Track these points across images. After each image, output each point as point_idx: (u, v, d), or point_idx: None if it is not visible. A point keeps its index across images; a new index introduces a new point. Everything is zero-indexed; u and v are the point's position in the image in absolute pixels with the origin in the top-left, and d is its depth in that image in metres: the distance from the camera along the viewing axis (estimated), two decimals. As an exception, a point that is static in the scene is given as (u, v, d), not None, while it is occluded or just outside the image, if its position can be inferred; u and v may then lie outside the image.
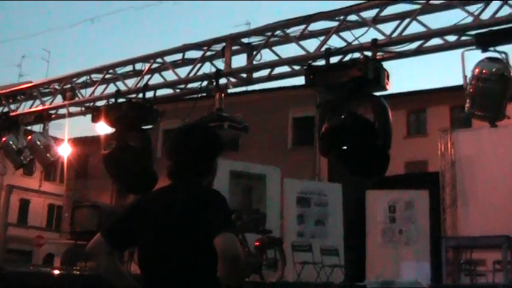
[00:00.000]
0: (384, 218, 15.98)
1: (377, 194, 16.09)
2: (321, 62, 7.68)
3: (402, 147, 27.59)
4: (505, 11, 6.91)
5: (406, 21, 7.42)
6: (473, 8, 7.06)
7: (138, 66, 9.97)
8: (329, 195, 15.72)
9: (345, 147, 7.09)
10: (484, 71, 6.77)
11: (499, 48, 6.87)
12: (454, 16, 7.21)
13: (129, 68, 10.11)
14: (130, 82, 9.92)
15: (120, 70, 10.04)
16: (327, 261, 13.96)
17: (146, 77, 9.69)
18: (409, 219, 15.79)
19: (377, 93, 7.44)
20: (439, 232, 15.45)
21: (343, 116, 7.09)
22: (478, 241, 13.40)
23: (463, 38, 7.25)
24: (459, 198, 15.81)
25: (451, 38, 7.42)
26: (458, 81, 7.24)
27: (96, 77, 10.31)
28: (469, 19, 7.06)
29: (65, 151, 18.32)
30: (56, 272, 10.25)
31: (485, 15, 6.99)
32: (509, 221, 13.62)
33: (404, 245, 15.70)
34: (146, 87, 9.41)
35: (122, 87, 9.84)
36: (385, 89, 7.22)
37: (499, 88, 6.70)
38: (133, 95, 9.69)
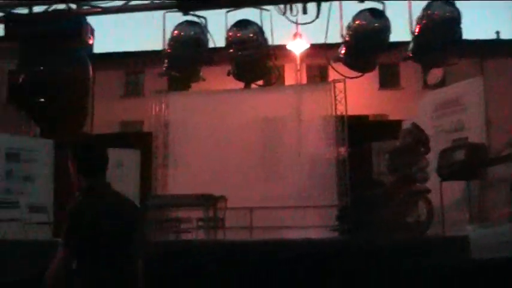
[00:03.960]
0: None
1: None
2: (24, 11, 7.35)
3: (119, 107, 27.51)
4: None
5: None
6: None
7: None
8: (40, 152, 15.21)
9: (42, 100, 6.92)
10: (181, 34, 7.01)
11: (199, 13, 7.19)
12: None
13: None
14: None
15: None
16: (35, 218, 13.52)
17: None
18: (118, 178, 15.78)
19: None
20: (149, 191, 15.68)
21: (41, 68, 6.90)
22: (181, 200, 13.83)
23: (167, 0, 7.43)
24: (170, 159, 16.20)
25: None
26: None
27: None
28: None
29: None
30: None
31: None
32: (212, 182, 14.41)
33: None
34: None
35: None
36: (87, 44, 7.15)
37: (193, 51, 6.99)
38: None
